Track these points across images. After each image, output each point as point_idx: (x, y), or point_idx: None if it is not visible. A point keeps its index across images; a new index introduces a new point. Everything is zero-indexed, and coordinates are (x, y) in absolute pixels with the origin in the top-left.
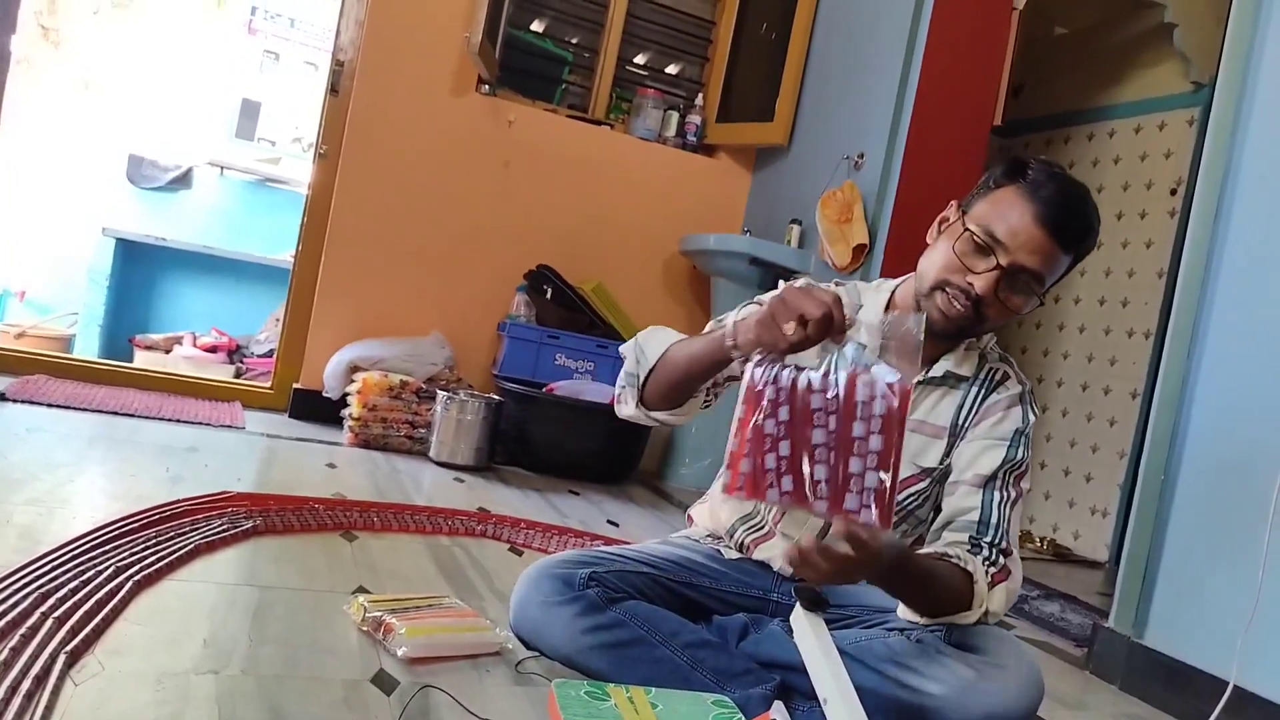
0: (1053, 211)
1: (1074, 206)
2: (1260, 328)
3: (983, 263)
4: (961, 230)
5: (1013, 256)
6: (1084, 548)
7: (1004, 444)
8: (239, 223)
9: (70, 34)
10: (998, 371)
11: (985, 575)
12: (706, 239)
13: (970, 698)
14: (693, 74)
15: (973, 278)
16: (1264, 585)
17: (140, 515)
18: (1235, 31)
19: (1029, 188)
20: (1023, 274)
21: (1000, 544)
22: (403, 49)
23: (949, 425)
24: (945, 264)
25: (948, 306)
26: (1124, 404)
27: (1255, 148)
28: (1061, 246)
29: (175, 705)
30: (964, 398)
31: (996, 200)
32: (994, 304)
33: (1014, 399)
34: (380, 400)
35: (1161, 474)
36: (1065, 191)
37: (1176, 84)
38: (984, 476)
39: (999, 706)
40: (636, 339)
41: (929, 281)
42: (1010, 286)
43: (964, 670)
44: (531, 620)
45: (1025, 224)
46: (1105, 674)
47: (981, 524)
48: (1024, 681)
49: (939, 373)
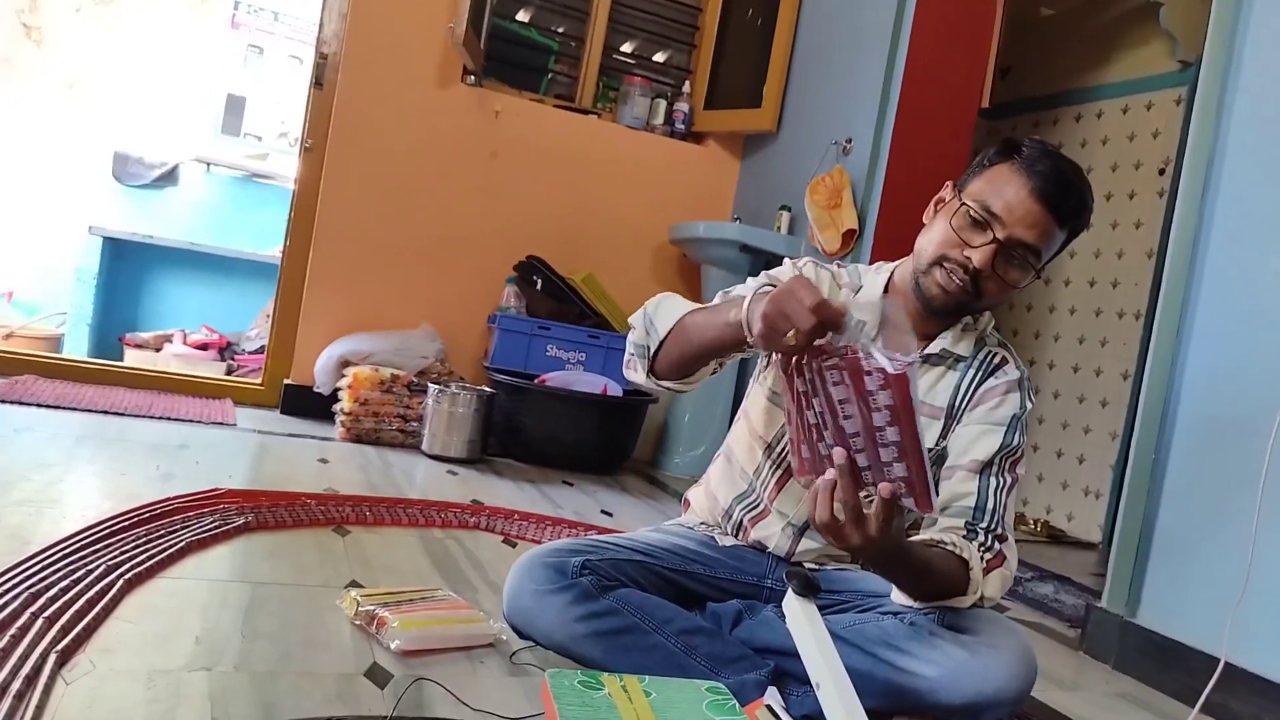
0: (1048, 186)
1: (1069, 182)
2: (1248, 306)
3: (980, 237)
4: (958, 207)
5: (1009, 230)
6: (1077, 529)
7: (1000, 429)
8: (227, 219)
9: (53, 32)
10: (996, 355)
11: (980, 561)
12: (696, 227)
13: (963, 679)
14: (680, 61)
15: (970, 252)
16: (1254, 563)
17: (131, 513)
18: (1220, 9)
19: (1024, 163)
20: (1019, 248)
21: (996, 529)
22: (387, 41)
23: (945, 407)
24: (943, 239)
25: (947, 281)
26: (1115, 385)
27: (1241, 126)
28: (1057, 221)
29: (168, 703)
30: (961, 379)
31: (992, 177)
32: (992, 278)
33: (1012, 384)
34: (372, 394)
35: (1152, 454)
36: (1060, 167)
37: (1163, 63)
38: (980, 462)
39: (991, 687)
40: (645, 309)
41: (927, 258)
42: (1007, 261)
43: (956, 651)
44: (524, 609)
45: (1021, 198)
46: (1099, 654)
47: (978, 510)
48: (1017, 662)
49: (936, 349)
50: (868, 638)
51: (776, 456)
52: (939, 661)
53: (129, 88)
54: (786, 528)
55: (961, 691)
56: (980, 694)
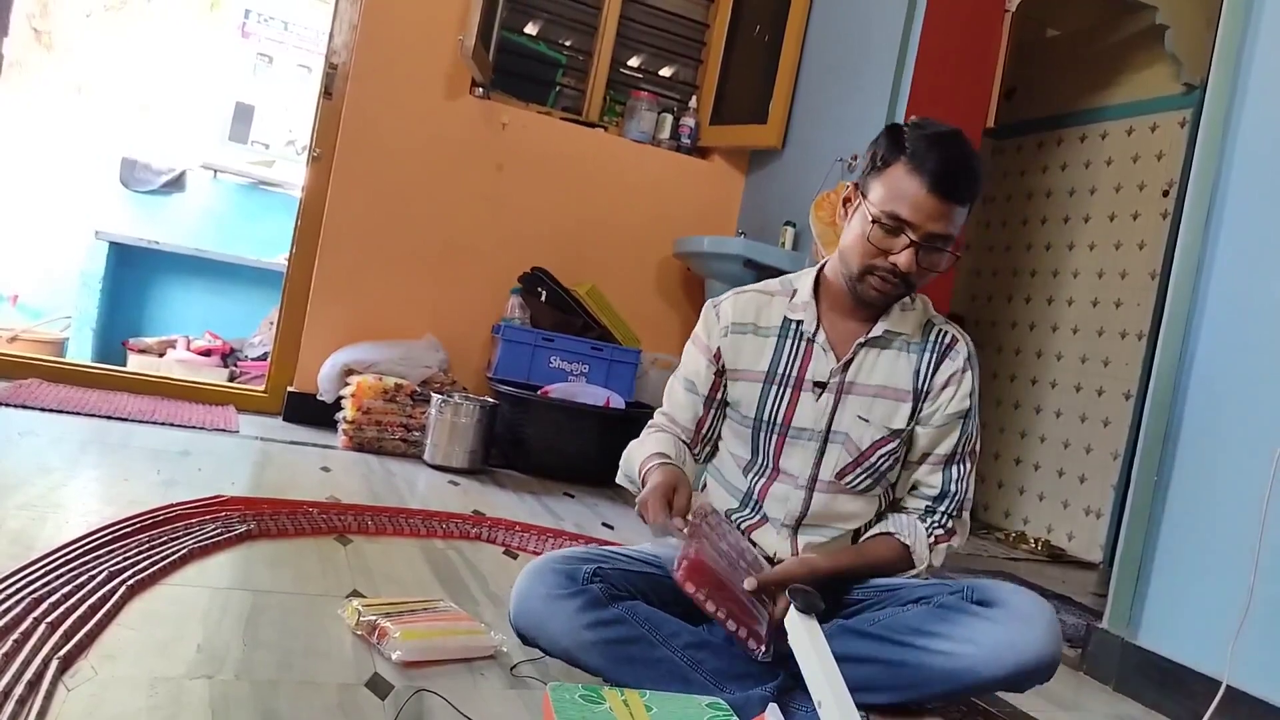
0: (942, 179)
1: (960, 168)
2: (1251, 328)
3: (897, 242)
4: (869, 219)
5: (922, 229)
6: (1078, 549)
7: (959, 423)
8: (233, 226)
9: (63, 37)
10: (946, 334)
11: (928, 538)
12: (701, 241)
13: (1003, 651)
14: (686, 76)
15: (894, 258)
16: (1256, 586)
17: (133, 520)
18: (1226, 33)
19: (913, 161)
20: (935, 239)
21: (953, 510)
22: (396, 52)
23: (910, 389)
24: (864, 250)
25: (881, 285)
26: (1118, 405)
27: (1246, 149)
28: (958, 203)
29: (169, 710)
30: (919, 363)
31: (889, 180)
32: (918, 272)
33: (964, 365)
34: (375, 403)
35: (1154, 475)
36: (947, 156)
37: (1168, 86)
38: (944, 456)
39: (1031, 655)
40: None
41: (855, 268)
42: (928, 253)
43: (991, 628)
44: (533, 613)
45: (923, 197)
46: (1099, 674)
47: (939, 498)
48: (1049, 629)
49: (879, 332)
50: (897, 629)
51: (758, 468)
52: (975, 639)
53: (138, 94)
54: (782, 529)
55: (1003, 664)
56: (1021, 664)
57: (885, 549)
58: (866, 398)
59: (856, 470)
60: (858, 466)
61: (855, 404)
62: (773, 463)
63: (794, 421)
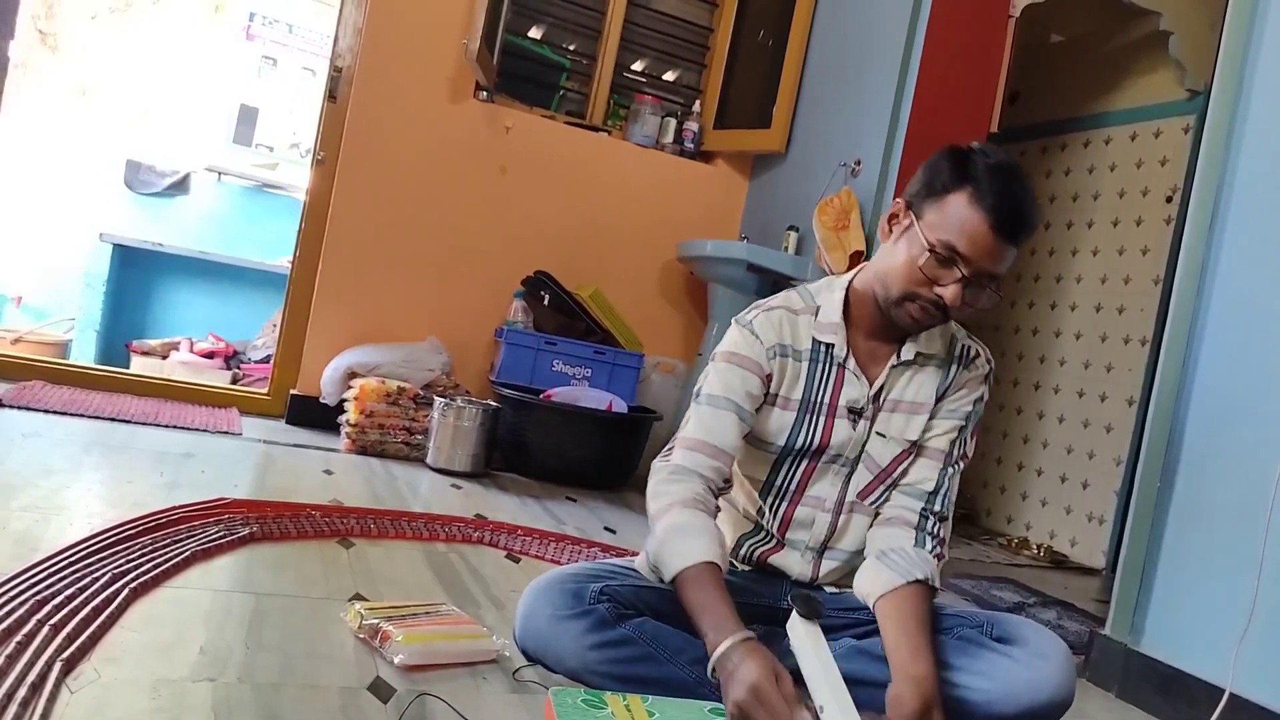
0: (1005, 217)
1: (1025, 210)
2: (1255, 335)
3: (947, 275)
4: (924, 246)
5: (975, 265)
6: (1081, 554)
7: (963, 422)
8: (236, 228)
9: (68, 39)
10: (970, 349)
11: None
12: (704, 245)
13: (1018, 690)
14: (690, 81)
15: (940, 290)
16: (1259, 593)
17: (136, 522)
18: (1230, 39)
19: (977, 194)
20: (984, 277)
21: (941, 511)
22: (401, 55)
23: (930, 401)
24: (910, 277)
25: (921, 315)
26: (1121, 411)
27: (1250, 154)
28: (1015, 244)
29: (171, 713)
30: (942, 376)
31: (947, 209)
32: (961, 307)
33: (981, 379)
34: (377, 406)
35: (1157, 481)
36: (1014, 192)
37: (1172, 91)
38: (943, 452)
39: (1045, 695)
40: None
41: (896, 292)
42: (975, 290)
43: (1008, 664)
44: (539, 634)
45: (982, 233)
46: (1102, 681)
47: (934, 494)
48: (1064, 671)
49: (909, 355)
50: None
51: (777, 493)
52: (992, 675)
53: (142, 96)
54: (806, 553)
55: (1017, 702)
56: (1035, 703)
57: (924, 601)
58: (886, 413)
59: (879, 487)
60: (880, 484)
61: (878, 423)
62: (798, 487)
63: (829, 448)
